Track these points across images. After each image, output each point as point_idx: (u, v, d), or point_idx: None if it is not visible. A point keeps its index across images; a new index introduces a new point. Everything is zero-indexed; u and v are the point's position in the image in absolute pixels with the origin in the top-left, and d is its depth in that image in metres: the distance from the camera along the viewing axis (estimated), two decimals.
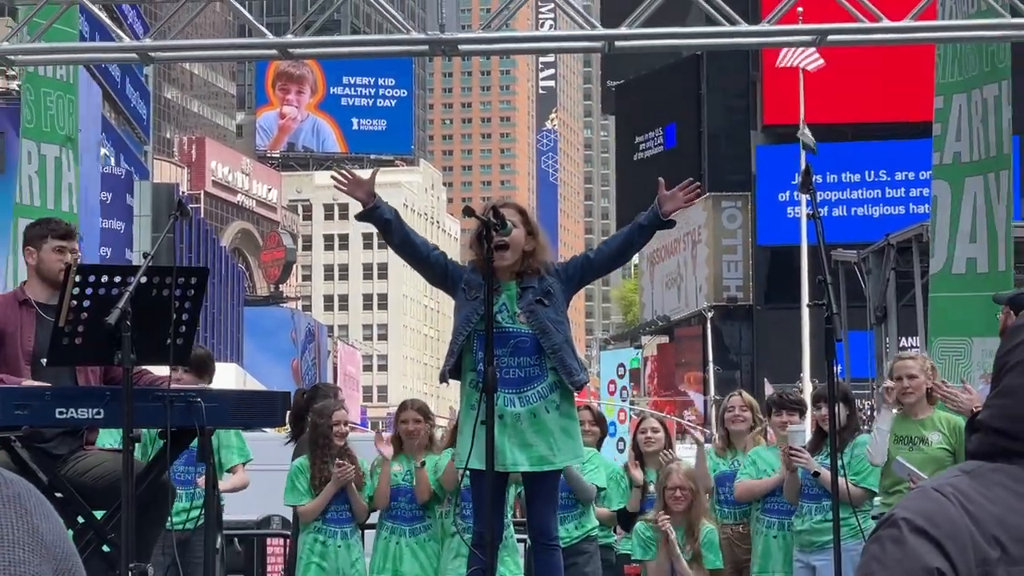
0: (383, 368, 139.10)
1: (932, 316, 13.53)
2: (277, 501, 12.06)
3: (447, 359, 8.28)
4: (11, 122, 35.90)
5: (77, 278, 7.71)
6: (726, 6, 10.79)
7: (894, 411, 10.12)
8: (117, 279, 7.64)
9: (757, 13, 11.42)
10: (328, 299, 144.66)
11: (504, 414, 7.82)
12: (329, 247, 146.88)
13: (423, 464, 10.70)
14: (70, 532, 3.95)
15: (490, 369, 7.59)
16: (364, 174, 8.87)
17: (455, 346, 8.17)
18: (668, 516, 10.85)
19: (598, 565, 11.81)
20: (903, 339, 25.53)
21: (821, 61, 32.77)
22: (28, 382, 7.95)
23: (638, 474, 11.77)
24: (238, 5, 10.80)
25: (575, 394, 8.44)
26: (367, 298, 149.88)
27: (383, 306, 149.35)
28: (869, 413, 28.28)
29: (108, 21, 11.32)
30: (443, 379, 8.44)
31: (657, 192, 8.37)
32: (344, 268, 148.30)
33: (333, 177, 8.81)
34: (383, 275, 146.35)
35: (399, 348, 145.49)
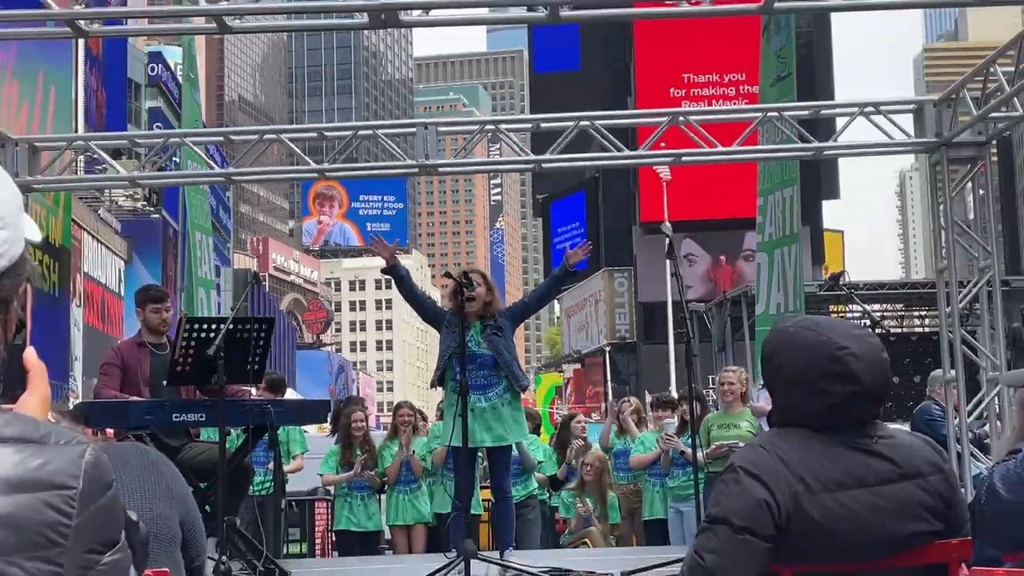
0: (390, 390, 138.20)
1: (758, 345, 13.62)
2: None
3: (435, 372, 8.36)
4: (137, 231, 35.78)
5: (187, 326, 7.74)
6: (615, 138, 10.84)
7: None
8: (213, 326, 7.66)
9: (634, 143, 11.46)
10: (352, 344, 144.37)
11: (474, 408, 7.85)
12: (353, 309, 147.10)
13: (414, 453, 11.11)
14: None
15: (464, 379, 7.60)
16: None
17: (440, 364, 8.23)
18: (584, 505, 11.21)
19: (538, 514, 12.00)
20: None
21: (669, 175, 33.38)
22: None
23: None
24: (292, 144, 10.80)
25: (521, 394, 8.49)
26: (378, 343, 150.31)
27: (390, 348, 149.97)
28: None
29: (200, 154, 11.28)
30: (433, 386, 8.51)
31: (564, 255, 8.64)
32: (363, 323, 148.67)
33: (372, 238, 8.93)
34: (389, 327, 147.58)
35: (401, 376, 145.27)
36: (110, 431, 7.71)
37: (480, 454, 9.03)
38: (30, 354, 1.66)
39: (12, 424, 1.50)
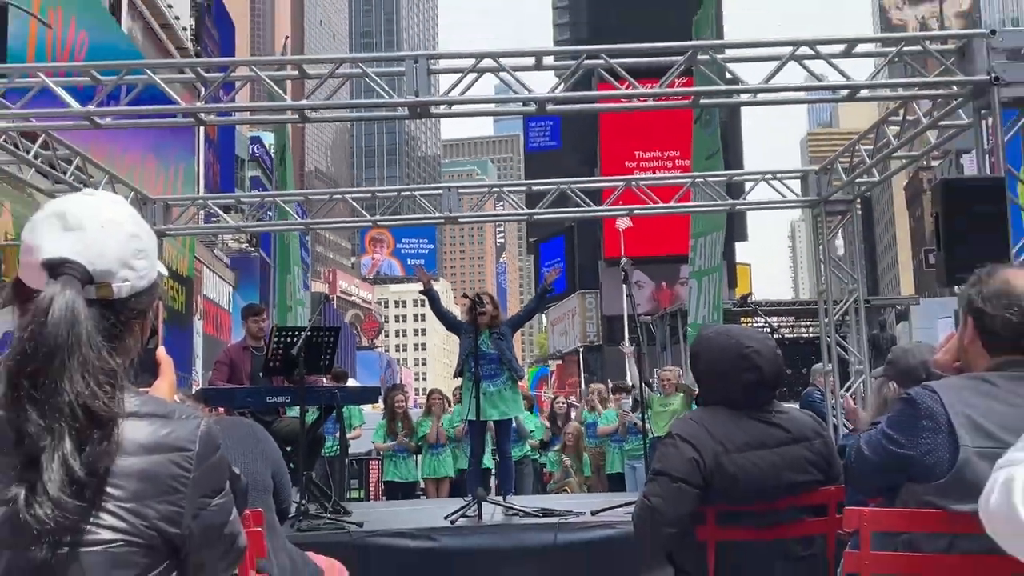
0: (424, 379, 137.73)
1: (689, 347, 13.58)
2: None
3: (457, 367, 8.23)
4: (241, 265, 35.78)
5: (276, 333, 7.71)
6: (586, 198, 10.84)
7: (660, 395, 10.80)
8: (296, 333, 7.62)
9: (600, 200, 11.49)
10: (397, 346, 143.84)
11: (485, 392, 7.78)
12: (397, 321, 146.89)
13: (443, 425, 11.13)
14: None
15: (476, 371, 7.55)
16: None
17: (460, 360, 8.13)
18: (568, 459, 11.19)
19: (531, 470, 11.91)
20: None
21: (629, 222, 33.33)
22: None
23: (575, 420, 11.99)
24: (353, 202, 10.80)
25: (518, 382, 8.43)
26: (415, 345, 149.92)
27: (424, 349, 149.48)
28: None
29: (288, 209, 11.29)
30: (455, 376, 8.41)
31: (543, 279, 8.64)
32: (404, 331, 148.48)
33: (415, 268, 8.80)
34: (423, 334, 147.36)
35: (432, 369, 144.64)
36: (221, 409, 7.68)
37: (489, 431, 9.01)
38: (161, 351, 1.67)
39: (147, 404, 1.51)
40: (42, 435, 1.38)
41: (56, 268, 1.48)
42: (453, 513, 7.04)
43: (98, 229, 1.53)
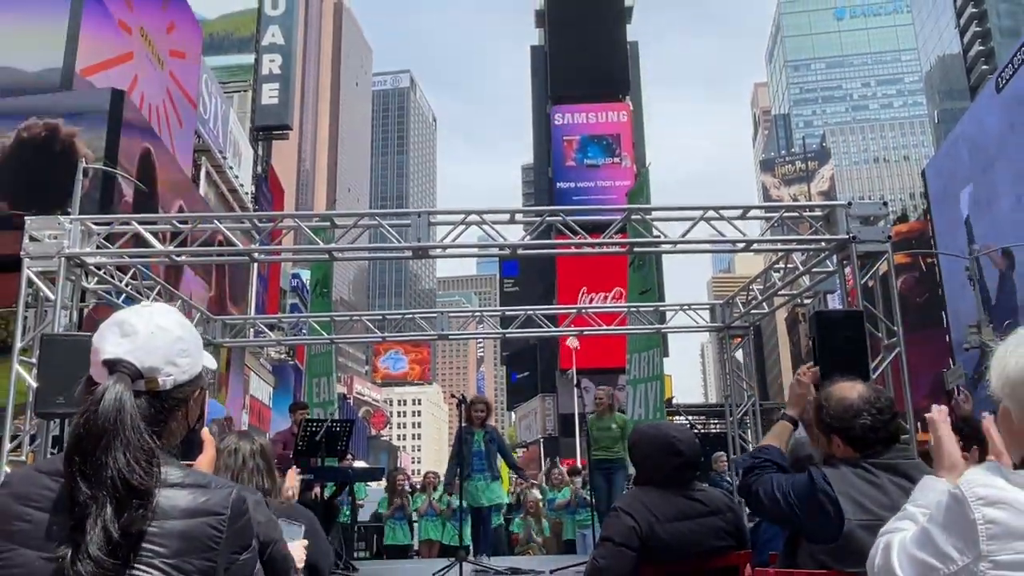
0: (420, 461, 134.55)
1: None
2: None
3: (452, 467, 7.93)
4: (279, 371, 35.27)
5: (305, 424, 7.53)
6: (547, 321, 10.83)
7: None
8: (320, 424, 7.44)
9: (557, 323, 11.49)
10: (398, 435, 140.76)
11: (474, 481, 7.55)
12: (399, 416, 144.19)
13: (437, 499, 10.63)
14: None
15: (466, 458, 7.35)
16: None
17: (454, 456, 7.84)
18: (531, 525, 10.83)
19: (502, 536, 11.46)
20: None
21: (577, 344, 33.46)
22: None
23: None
24: (368, 323, 10.71)
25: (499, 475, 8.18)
26: (413, 435, 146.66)
27: (419, 438, 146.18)
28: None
29: (317, 326, 11.16)
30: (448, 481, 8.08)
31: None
32: (404, 423, 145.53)
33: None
34: (419, 426, 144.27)
35: (426, 454, 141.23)
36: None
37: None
38: (205, 431, 1.63)
39: (190, 475, 1.47)
40: (89, 503, 1.36)
41: (113, 366, 1.48)
42: (439, 570, 6.73)
43: (148, 335, 1.52)
